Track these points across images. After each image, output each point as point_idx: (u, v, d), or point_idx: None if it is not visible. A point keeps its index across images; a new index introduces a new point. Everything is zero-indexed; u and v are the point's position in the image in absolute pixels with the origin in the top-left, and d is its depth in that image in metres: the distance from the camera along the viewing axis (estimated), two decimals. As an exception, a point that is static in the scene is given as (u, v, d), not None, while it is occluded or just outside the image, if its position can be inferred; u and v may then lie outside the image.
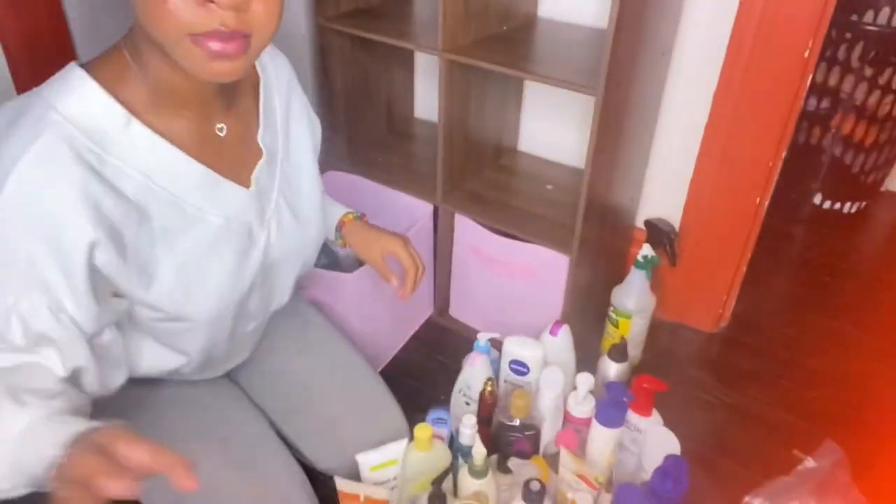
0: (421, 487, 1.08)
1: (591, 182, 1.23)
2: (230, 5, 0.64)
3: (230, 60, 0.68)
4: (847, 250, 2.03)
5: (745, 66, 1.30)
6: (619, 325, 1.45)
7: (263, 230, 0.86)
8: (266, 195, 0.86)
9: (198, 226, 0.78)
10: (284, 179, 0.90)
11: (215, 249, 0.80)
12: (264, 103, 0.86)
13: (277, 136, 0.89)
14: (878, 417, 1.41)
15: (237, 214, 0.81)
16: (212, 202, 0.78)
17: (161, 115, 0.74)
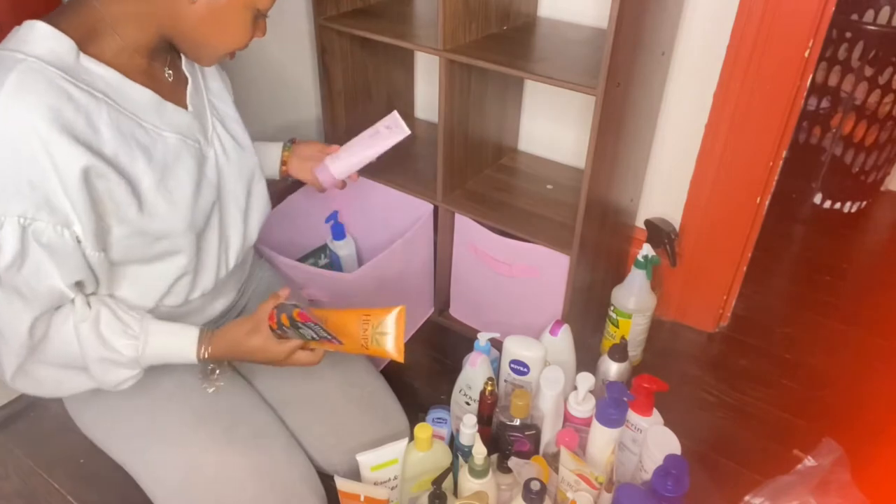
0: (421, 487, 1.08)
1: (591, 182, 1.23)
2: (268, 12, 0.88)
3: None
4: (847, 250, 2.03)
5: (745, 66, 1.30)
6: (620, 324, 1.45)
7: (210, 147, 0.98)
8: (202, 116, 0.98)
9: (158, 143, 0.89)
10: (213, 106, 1.02)
11: (178, 163, 0.91)
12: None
13: (194, 67, 1.00)
14: (878, 417, 1.41)
15: (186, 131, 0.93)
16: (163, 121, 0.90)
17: (119, 57, 0.84)
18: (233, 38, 0.88)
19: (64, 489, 1.22)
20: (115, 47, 0.84)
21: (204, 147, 0.97)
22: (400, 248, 1.43)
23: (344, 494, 1.01)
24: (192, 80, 0.98)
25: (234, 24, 0.86)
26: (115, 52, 0.84)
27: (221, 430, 0.96)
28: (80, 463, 1.25)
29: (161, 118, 0.90)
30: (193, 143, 0.94)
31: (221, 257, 1.02)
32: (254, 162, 1.08)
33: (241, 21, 0.86)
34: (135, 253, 0.89)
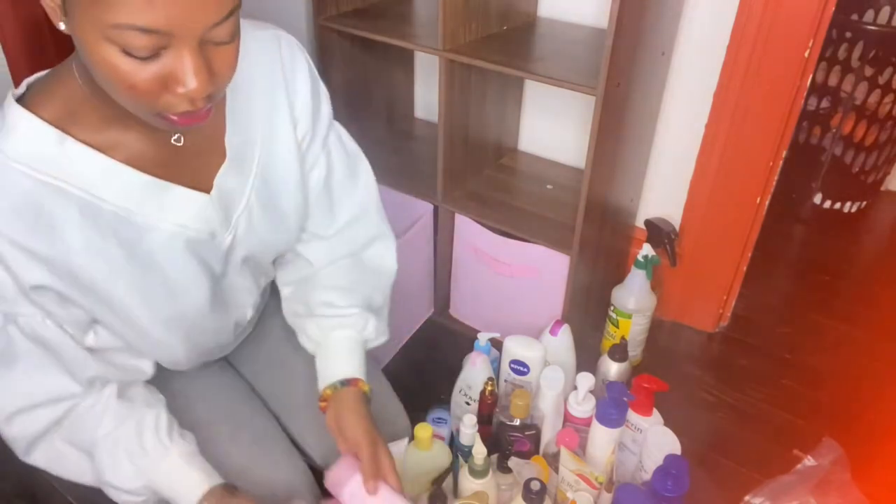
0: (421, 487, 1.08)
1: (591, 182, 1.23)
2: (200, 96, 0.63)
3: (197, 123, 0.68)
4: (847, 250, 2.03)
5: (745, 66, 1.30)
6: (620, 324, 1.45)
7: (229, 232, 0.84)
8: (232, 198, 0.83)
9: (150, 235, 0.76)
10: (262, 180, 0.85)
11: (171, 256, 0.79)
12: (232, 104, 0.81)
13: (255, 140, 0.83)
14: (878, 417, 1.41)
15: (193, 220, 0.79)
16: (162, 210, 0.76)
17: (108, 131, 0.71)
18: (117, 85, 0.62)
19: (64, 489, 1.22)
20: (100, 122, 0.70)
21: (218, 233, 0.82)
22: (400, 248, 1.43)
23: (344, 494, 1.01)
24: (233, 155, 0.80)
25: (106, 65, 0.60)
26: (102, 129, 0.71)
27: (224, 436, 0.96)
28: (80, 463, 1.25)
29: (160, 208, 0.76)
30: (198, 234, 0.80)
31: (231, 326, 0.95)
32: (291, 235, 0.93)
33: (109, 60, 0.60)
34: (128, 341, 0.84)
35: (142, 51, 0.59)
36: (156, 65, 0.61)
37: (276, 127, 0.85)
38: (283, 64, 0.84)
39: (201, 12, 0.59)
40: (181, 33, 0.59)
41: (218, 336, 0.95)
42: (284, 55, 0.85)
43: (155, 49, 0.59)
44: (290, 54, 0.85)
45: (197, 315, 0.85)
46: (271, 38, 0.84)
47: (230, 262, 0.88)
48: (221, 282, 0.88)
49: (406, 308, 1.56)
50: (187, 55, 0.61)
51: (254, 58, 0.81)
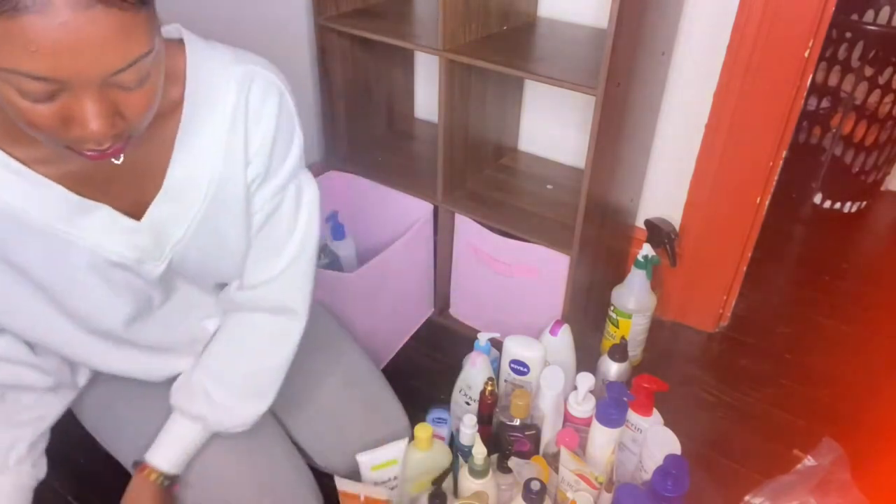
0: (421, 487, 1.08)
1: (591, 182, 1.23)
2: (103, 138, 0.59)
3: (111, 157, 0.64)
4: (847, 250, 2.03)
5: (745, 66, 1.30)
6: (620, 324, 1.45)
7: (162, 261, 0.80)
8: (166, 228, 0.78)
9: (71, 252, 0.74)
10: (206, 216, 0.80)
11: (90, 275, 0.76)
12: (182, 137, 0.76)
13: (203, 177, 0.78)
14: (878, 417, 1.41)
15: (117, 245, 0.76)
16: (85, 231, 0.73)
17: (41, 147, 0.68)
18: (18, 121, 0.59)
19: (64, 489, 1.22)
20: (27, 135, 0.66)
21: (147, 262, 0.79)
22: (400, 248, 1.43)
23: (344, 494, 1.01)
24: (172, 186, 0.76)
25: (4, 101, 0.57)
26: (34, 144, 0.67)
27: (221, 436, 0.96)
28: (80, 463, 1.25)
29: (84, 226, 0.73)
30: (122, 259, 0.77)
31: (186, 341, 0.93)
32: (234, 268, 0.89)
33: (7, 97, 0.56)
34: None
35: (36, 95, 0.56)
36: (54, 105, 0.57)
37: (231, 166, 0.80)
38: (248, 104, 0.78)
39: (95, 62, 0.55)
40: (75, 81, 0.55)
41: (162, 351, 0.92)
42: (253, 96, 0.78)
43: (50, 93, 0.56)
44: (260, 96, 0.79)
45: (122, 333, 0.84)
46: (243, 76, 0.77)
47: (171, 287, 0.86)
48: (161, 303, 0.86)
49: (406, 308, 1.57)
50: (87, 99, 0.57)
51: (218, 94, 0.76)
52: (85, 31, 0.53)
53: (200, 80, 0.75)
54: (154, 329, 0.88)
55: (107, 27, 0.54)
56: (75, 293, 0.77)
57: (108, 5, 0.53)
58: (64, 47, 0.53)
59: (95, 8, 0.53)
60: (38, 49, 0.52)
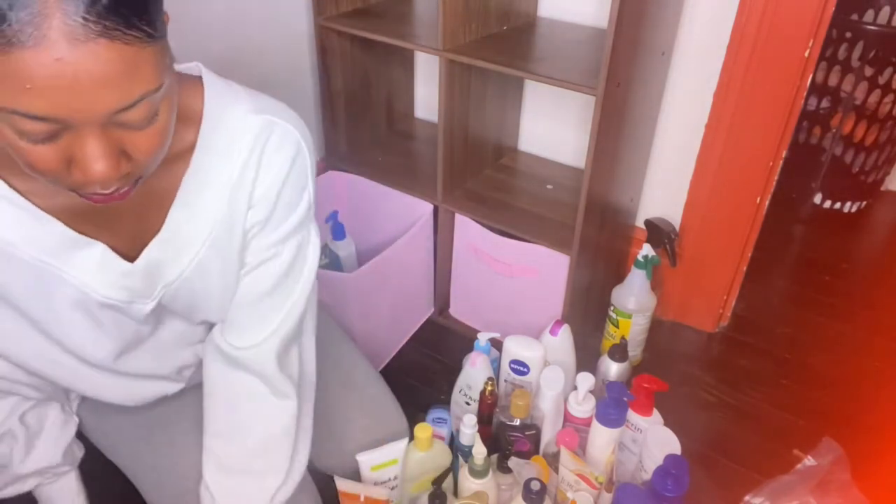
0: (421, 487, 1.08)
1: (591, 182, 1.23)
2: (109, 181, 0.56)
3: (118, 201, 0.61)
4: (847, 250, 2.03)
5: (745, 66, 1.30)
6: (620, 324, 1.45)
7: (152, 300, 0.77)
8: (161, 270, 0.76)
9: (59, 289, 0.71)
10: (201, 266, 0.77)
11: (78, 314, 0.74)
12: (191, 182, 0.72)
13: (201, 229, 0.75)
14: (878, 416, 1.41)
15: (108, 287, 0.73)
16: (76, 268, 0.71)
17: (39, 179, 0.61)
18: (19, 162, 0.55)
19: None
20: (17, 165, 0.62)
21: (137, 302, 0.76)
22: (400, 248, 1.43)
23: (344, 494, 1.01)
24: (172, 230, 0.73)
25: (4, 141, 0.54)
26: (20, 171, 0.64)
27: None
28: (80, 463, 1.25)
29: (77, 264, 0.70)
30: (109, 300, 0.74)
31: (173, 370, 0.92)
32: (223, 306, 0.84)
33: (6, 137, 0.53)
34: None
35: (37, 136, 0.52)
36: (57, 147, 0.53)
37: (234, 217, 0.76)
38: (262, 155, 0.74)
39: (96, 100, 0.50)
40: (75, 120, 0.51)
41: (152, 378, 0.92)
42: (269, 147, 0.74)
43: (50, 133, 0.52)
44: (275, 146, 0.75)
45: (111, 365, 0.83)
46: (261, 128, 0.73)
47: (160, 320, 0.84)
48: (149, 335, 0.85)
49: (406, 308, 1.57)
50: (89, 139, 0.53)
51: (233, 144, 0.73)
52: (84, 67, 0.48)
53: (217, 127, 0.71)
54: (143, 359, 0.87)
55: (109, 62, 0.49)
56: (61, 327, 0.76)
57: (111, 38, 0.49)
58: (62, 85, 0.48)
59: (97, 42, 0.48)
60: (34, 86, 0.48)
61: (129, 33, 0.50)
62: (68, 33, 0.47)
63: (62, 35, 0.47)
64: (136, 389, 0.91)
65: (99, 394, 0.89)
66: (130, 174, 0.58)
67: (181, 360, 0.93)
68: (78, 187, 0.57)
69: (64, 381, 0.85)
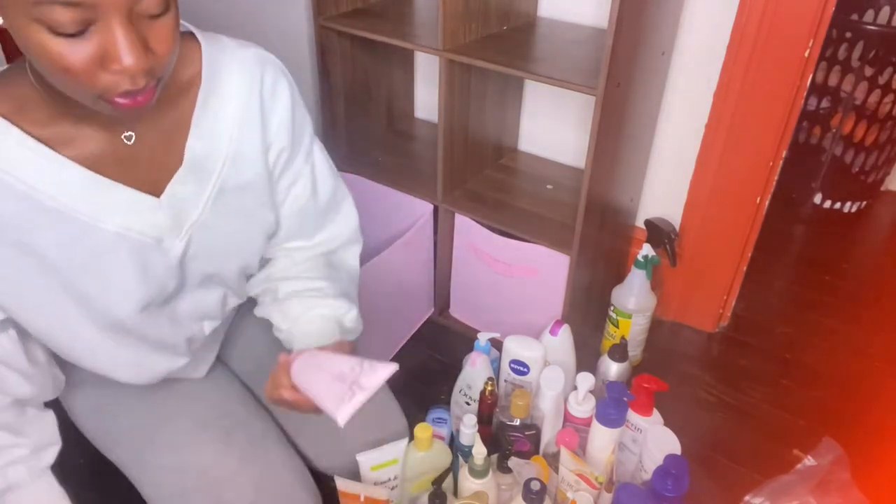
0: (421, 487, 1.08)
1: (591, 182, 1.23)
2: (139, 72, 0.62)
3: (141, 107, 0.66)
4: (847, 250, 2.03)
5: (745, 66, 1.30)
6: (620, 324, 1.45)
7: (181, 239, 0.81)
8: (185, 205, 0.80)
9: (91, 234, 0.74)
10: (221, 193, 0.82)
11: (112, 257, 0.77)
12: (200, 111, 0.79)
13: (220, 149, 0.81)
14: (878, 416, 1.41)
15: (137, 222, 0.77)
16: (106, 211, 0.74)
17: (59, 127, 0.70)
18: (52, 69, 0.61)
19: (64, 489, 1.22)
20: (50, 118, 0.69)
21: (166, 240, 0.80)
22: (400, 248, 1.43)
23: (344, 494, 1.01)
24: (191, 162, 0.79)
25: (38, 48, 0.60)
26: (52, 124, 0.70)
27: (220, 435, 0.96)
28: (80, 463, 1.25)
29: (102, 208, 0.74)
30: (142, 237, 0.78)
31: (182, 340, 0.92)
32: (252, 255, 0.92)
33: (40, 42, 0.59)
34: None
35: (68, 26, 0.58)
36: (87, 43, 0.60)
37: (245, 146, 0.83)
38: (262, 86, 0.83)
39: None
40: (105, 4, 0.58)
41: (164, 349, 0.92)
42: (266, 78, 0.83)
43: (82, 23, 0.58)
44: (272, 79, 0.84)
45: (132, 323, 0.83)
46: (254, 58, 0.82)
47: (187, 274, 0.85)
48: (175, 294, 0.85)
49: (406, 308, 1.57)
50: (118, 29, 0.60)
51: (232, 75, 0.80)
52: None
53: (215, 62, 0.79)
54: (160, 324, 0.88)
55: None
56: (90, 276, 0.77)
57: None
58: None
59: None
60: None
61: None
62: None
63: None
64: (146, 362, 0.90)
65: (109, 366, 0.88)
66: (153, 69, 0.64)
67: (192, 330, 0.93)
68: (107, 89, 0.63)
69: (77, 353, 0.85)
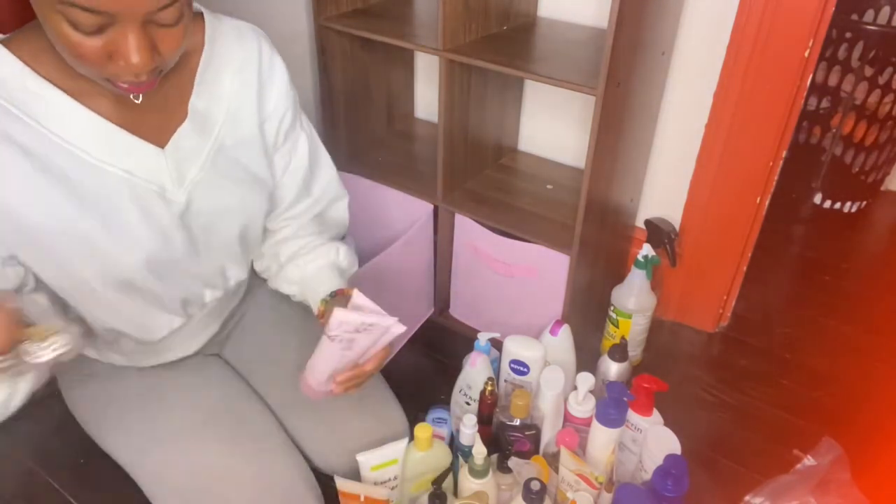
0: (421, 487, 1.08)
1: (591, 182, 1.23)
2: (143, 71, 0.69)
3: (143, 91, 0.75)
4: (847, 250, 2.03)
5: (745, 66, 1.30)
6: (620, 324, 1.45)
7: (183, 191, 0.86)
8: (188, 157, 0.86)
9: (97, 175, 0.79)
10: (221, 148, 0.89)
11: (116, 201, 0.81)
12: (203, 73, 0.87)
13: (220, 107, 0.89)
14: (878, 416, 1.41)
15: (141, 169, 0.82)
16: (112, 154, 0.80)
17: (74, 78, 0.76)
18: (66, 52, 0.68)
19: (64, 489, 1.22)
20: (67, 68, 0.74)
21: (169, 190, 0.85)
22: (400, 248, 1.43)
23: (344, 494, 1.01)
24: (195, 117, 0.86)
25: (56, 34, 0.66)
26: (68, 75, 0.75)
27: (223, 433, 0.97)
28: (80, 463, 1.25)
29: (111, 153, 0.79)
30: (147, 184, 0.83)
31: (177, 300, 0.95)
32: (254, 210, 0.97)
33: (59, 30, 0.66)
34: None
35: (87, 27, 0.65)
36: (102, 38, 0.66)
37: (242, 108, 0.91)
38: (261, 57, 0.92)
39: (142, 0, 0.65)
40: (124, 15, 0.65)
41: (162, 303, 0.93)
42: (264, 51, 0.92)
43: (99, 26, 0.65)
44: (269, 53, 0.93)
45: (133, 270, 0.86)
46: (251, 32, 0.92)
47: (190, 227, 0.89)
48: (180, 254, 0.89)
49: (406, 308, 1.56)
50: (131, 34, 0.66)
51: (231, 42, 0.89)
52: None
53: (216, 30, 0.88)
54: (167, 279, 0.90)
55: None
56: (96, 220, 0.80)
57: None
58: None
59: None
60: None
61: None
62: None
63: None
64: (146, 316, 0.93)
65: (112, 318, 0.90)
66: (157, 67, 0.72)
67: (191, 292, 0.96)
68: (113, 77, 0.70)
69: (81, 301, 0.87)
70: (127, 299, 0.88)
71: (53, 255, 0.80)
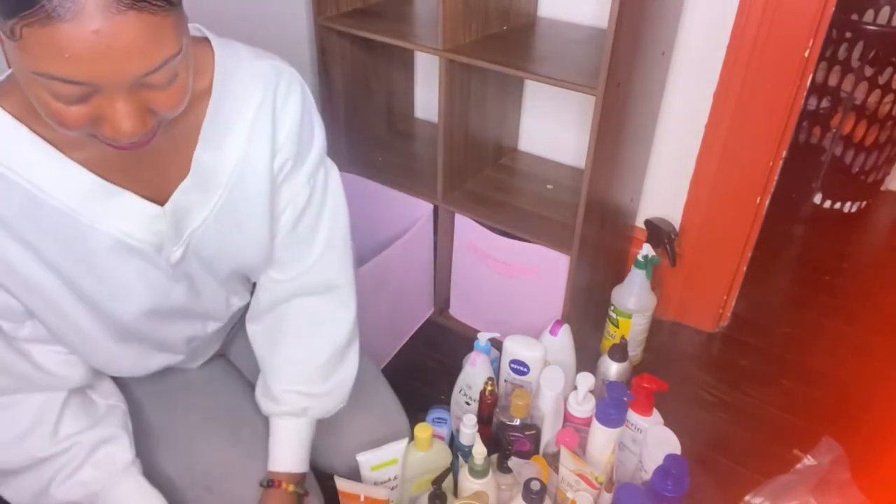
0: (421, 487, 1.08)
1: (591, 182, 1.23)
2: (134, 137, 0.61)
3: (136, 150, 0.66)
4: (847, 250, 2.03)
5: (745, 66, 1.30)
6: (620, 324, 1.45)
7: (179, 246, 0.80)
8: (188, 213, 0.79)
9: (90, 237, 0.74)
10: (228, 203, 0.81)
11: (111, 261, 0.76)
12: (210, 123, 0.77)
13: (228, 162, 0.80)
14: (878, 417, 1.41)
15: (138, 230, 0.76)
16: (108, 215, 0.73)
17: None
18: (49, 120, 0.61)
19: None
20: None
21: (166, 246, 0.79)
22: (400, 248, 1.43)
23: (344, 494, 1.01)
24: (198, 172, 0.77)
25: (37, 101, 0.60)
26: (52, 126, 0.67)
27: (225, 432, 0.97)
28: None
29: (104, 212, 0.73)
30: (143, 245, 0.77)
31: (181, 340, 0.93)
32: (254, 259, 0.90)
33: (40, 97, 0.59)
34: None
35: (69, 98, 0.57)
36: (87, 107, 0.59)
37: (254, 156, 0.81)
38: (275, 97, 0.81)
39: (127, 65, 0.56)
40: (107, 85, 0.57)
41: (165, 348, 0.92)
42: (280, 90, 0.81)
43: (82, 96, 0.58)
44: (286, 89, 0.82)
45: (134, 322, 0.83)
46: (270, 70, 0.80)
47: (187, 274, 0.85)
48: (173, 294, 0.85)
49: (406, 308, 1.56)
50: (118, 101, 0.59)
51: (245, 87, 0.79)
52: (117, 37, 0.54)
53: (228, 73, 0.77)
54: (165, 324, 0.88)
55: (138, 32, 0.55)
56: (91, 278, 0.76)
57: (140, 10, 0.55)
58: (97, 54, 0.54)
59: (127, 14, 0.54)
60: (72, 56, 0.53)
61: (154, 4, 0.56)
62: (103, 7, 0.53)
63: (97, 9, 0.52)
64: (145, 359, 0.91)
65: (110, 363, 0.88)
66: (153, 127, 0.64)
67: (194, 329, 0.94)
68: (103, 139, 0.62)
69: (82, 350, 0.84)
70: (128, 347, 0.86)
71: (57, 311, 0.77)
